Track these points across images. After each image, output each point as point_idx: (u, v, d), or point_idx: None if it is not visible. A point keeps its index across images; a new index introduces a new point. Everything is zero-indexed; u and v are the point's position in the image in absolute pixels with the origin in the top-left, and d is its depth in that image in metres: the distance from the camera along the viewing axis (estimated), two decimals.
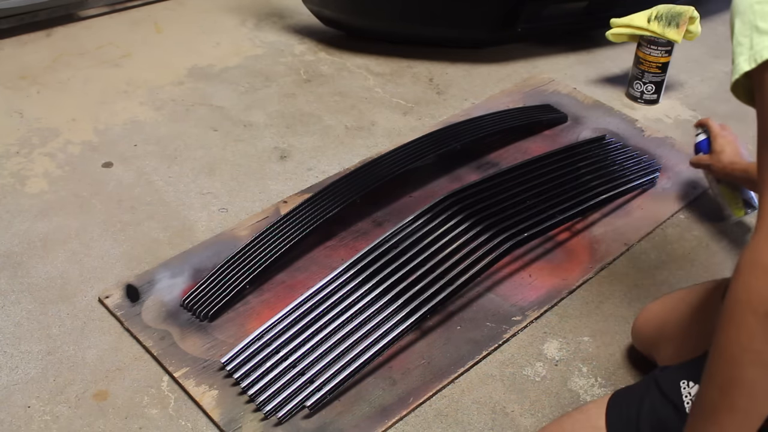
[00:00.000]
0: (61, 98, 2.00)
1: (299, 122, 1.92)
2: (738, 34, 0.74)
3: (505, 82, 2.09)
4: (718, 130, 1.48)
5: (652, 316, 1.21)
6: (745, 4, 0.75)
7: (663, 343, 1.17)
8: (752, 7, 0.74)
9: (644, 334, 1.22)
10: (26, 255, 1.49)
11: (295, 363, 1.22)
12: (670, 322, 1.16)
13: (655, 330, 1.19)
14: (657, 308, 1.21)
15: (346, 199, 1.52)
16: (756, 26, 0.72)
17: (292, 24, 2.40)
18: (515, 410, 1.20)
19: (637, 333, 1.24)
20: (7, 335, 1.32)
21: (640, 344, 1.24)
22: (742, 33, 0.74)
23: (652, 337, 1.20)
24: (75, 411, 1.19)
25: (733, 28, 0.76)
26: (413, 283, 1.32)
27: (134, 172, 1.73)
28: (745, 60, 0.72)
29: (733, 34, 0.76)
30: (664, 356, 1.16)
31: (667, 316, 1.17)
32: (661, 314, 1.19)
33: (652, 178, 1.66)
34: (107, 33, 2.32)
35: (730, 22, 0.78)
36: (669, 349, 1.15)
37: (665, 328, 1.16)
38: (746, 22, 0.73)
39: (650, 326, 1.21)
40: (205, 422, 1.17)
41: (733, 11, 0.77)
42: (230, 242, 1.50)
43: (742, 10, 0.75)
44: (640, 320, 1.24)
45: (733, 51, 0.75)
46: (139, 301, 1.37)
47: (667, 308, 1.19)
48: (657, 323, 1.19)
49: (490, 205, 1.45)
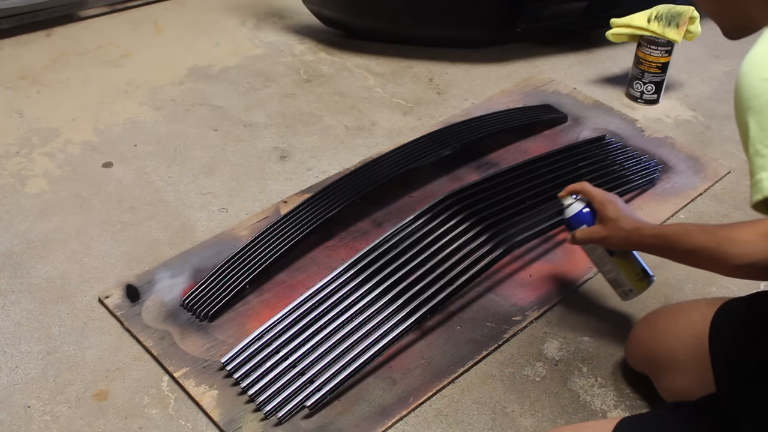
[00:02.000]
0: (61, 98, 2.00)
1: (299, 122, 1.92)
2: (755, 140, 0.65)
3: (505, 82, 2.09)
4: (602, 195, 1.19)
5: (642, 344, 1.18)
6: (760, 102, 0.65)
7: (655, 372, 1.15)
8: None
9: (635, 359, 1.20)
10: (26, 255, 1.49)
11: (295, 363, 1.22)
12: (659, 354, 1.13)
13: (645, 358, 1.17)
14: (645, 335, 1.18)
15: (346, 199, 1.52)
16: None
17: (292, 24, 2.40)
18: (515, 410, 1.20)
19: (629, 357, 1.22)
20: (7, 335, 1.32)
21: (634, 366, 1.22)
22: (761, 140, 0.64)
23: (643, 364, 1.19)
24: (75, 411, 1.19)
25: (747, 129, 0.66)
26: (413, 283, 1.32)
27: (134, 172, 1.73)
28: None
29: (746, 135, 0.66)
30: (658, 384, 1.15)
31: (655, 347, 1.14)
32: (649, 342, 1.16)
33: (652, 178, 1.66)
34: (107, 33, 2.32)
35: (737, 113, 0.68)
36: (662, 380, 1.13)
37: (655, 359, 1.14)
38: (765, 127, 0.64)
39: (640, 353, 1.18)
40: (205, 422, 1.17)
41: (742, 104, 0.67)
42: (230, 242, 1.50)
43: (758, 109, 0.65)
44: (629, 345, 1.21)
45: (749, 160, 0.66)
46: (139, 301, 1.37)
47: (656, 336, 1.15)
48: (646, 352, 1.17)
49: (490, 205, 1.45)
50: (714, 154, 1.79)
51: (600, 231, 1.17)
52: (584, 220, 1.22)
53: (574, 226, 1.23)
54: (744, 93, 0.66)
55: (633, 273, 1.22)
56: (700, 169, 1.73)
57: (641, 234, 1.10)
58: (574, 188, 1.24)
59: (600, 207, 1.18)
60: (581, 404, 1.21)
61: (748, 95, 0.65)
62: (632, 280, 1.22)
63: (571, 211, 1.23)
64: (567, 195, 1.25)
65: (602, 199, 1.18)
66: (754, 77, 0.65)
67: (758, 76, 0.65)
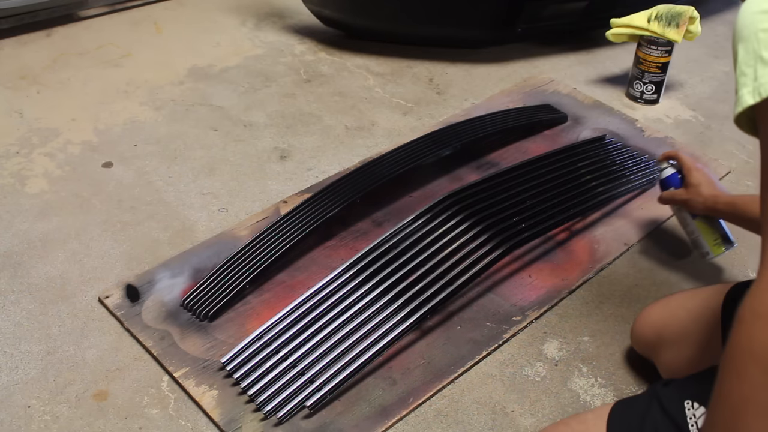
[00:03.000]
0: (61, 98, 2.00)
1: (299, 122, 1.92)
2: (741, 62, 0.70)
3: (505, 82, 2.09)
4: (691, 162, 1.37)
5: (651, 321, 1.20)
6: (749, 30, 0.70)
7: (662, 347, 1.16)
8: (757, 34, 0.69)
9: (643, 337, 1.22)
10: (26, 255, 1.49)
11: (295, 363, 1.22)
12: (670, 327, 1.15)
13: (655, 334, 1.18)
14: (656, 312, 1.20)
15: (346, 199, 1.52)
16: (761, 56, 0.67)
17: (292, 24, 2.40)
18: (515, 410, 1.20)
19: (637, 336, 1.23)
20: (7, 335, 1.32)
21: (639, 347, 1.24)
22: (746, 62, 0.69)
23: (651, 341, 1.20)
24: (75, 411, 1.19)
25: (737, 55, 0.71)
26: (413, 283, 1.32)
27: (134, 172, 1.73)
28: (749, 93, 0.67)
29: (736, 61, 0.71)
30: (663, 361, 1.16)
31: (666, 320, 1.17)
32: (660, 319, 1.19)
33: (652, 178, 1.66)
34: (107, 33, 2.32)
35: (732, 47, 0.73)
36: (668, 354, 1.14)
37: (664, 333, 1.16)
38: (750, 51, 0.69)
39: (649, 330, 1.20)
40: (205, 422, 1.17)
41: (735, 36, 0.72)
42: (230, 242, 1.50)
43: (746, 36, 0.70)
44: (639, 323, 1.23)
45: (736, 80, 0.71)
46: (139, 301, 1.37)
47: (667, 313, 1.18)
48: (656, 327, 1.18)
49: (490, 205, 1.45)
50: (714, 154, 1.79)
51: (682, 194, 1.35)
52: (672, 183, 1.40)
53: (664, 187, 1.41)
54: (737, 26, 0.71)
55: (712, 237, 1.36)
56: None
57: (717, 201, 1.27)
58: (669, 154, 1.41)
59: (687, 173, 1.35)
60: (581, 404, 1.21)
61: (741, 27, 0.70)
62: (710, 243, 1.36)
63: (664, 175, 1.41)
64: (663, 159, 1.42)
65: (690, 166, 1.35)
66: (747, 11, 0.70)
67: (750, 10, 0.70)
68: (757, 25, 0.69)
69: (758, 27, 0.69)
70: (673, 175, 1.40)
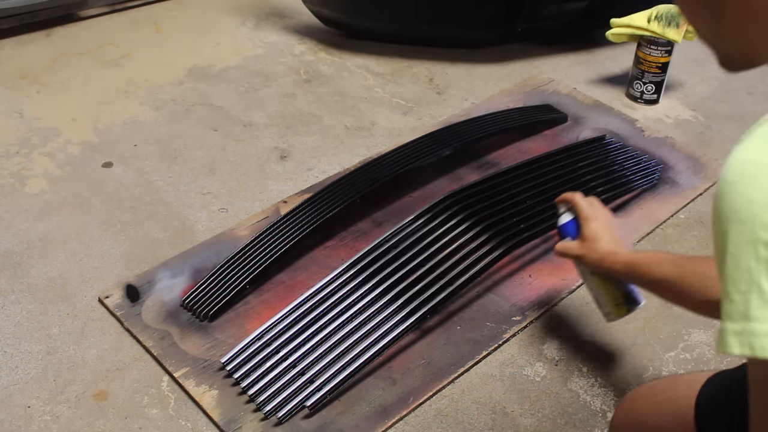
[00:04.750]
0: (61, 98, 2.00)
1: (299, 122, 1.92)
2: (729, 278, 0.52)
3: (505, 82, 2.09)
4: (588, 210, 1.14)
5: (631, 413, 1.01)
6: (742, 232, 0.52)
7: None
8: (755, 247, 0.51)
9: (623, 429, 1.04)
10: (26, 255, 1.49)
11: (295, 363, 1.22)
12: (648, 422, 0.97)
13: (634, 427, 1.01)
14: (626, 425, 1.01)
15: (346, 199, 1.52)
16: (758, 285, 0.50)
17: (292, 24, 2.40)
18: (515, 410, 1.19)
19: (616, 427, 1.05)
20: (7, 335, 1.32)
21: None
22: (735, 282, 0.52)
23: None
24: (75, 411, 1.19)
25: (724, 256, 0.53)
26: (413, 283, 1.32)
27: (134, 172, 1.73)
28: (735, 337, 0.51)
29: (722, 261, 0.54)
30: None
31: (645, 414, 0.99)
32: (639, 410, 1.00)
33: (652, 178, 1.66)
34: (107, 33, 2.32)
35: (714, 223, 0.56)
36: None
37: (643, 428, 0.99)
38: (743, 268, 0.51)
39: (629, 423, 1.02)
40: (205, 422, 1.17)
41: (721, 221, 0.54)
42: (230, 242, 1.50)
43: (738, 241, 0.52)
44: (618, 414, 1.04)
45: (721, 293, 0.53)
46: (139, 301, 1.37)
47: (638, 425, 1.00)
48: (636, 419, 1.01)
49: (490, 205, 1.45)
50: (714, 154, 1.79)
51: (576, 248, 1.13)
52: (568, 232, 1.17)
53: (561, 235, 1.19)
54: (725, 210, 0.54)
55: (612, 296, 1.14)
56: (700, 169, 1.73)
57: (614, 260, 1.06)
58: (566, 197, 1.19)
59: (583, 223, 1.13)
60: (581, 404, 1.21)
61: (729, 216, 0.53)
62: (611, 303, 1.15)
63: (560, 221, 1.20)
64: (562, 202, 1.21)
65: (587, 215, 1.13)
66: (739, 194, 0.53)
67: (745, 195, 0.53)
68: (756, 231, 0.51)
69: (757, 237, 0.51)
70: (569, 222, 1.17)
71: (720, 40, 0.69)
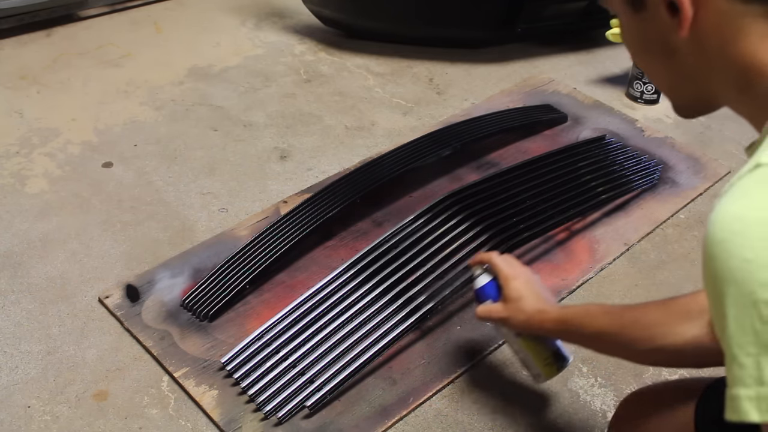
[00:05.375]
0: (61, 98, 2.00)
1: (299, 122, 1.92)
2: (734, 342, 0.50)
3: (505, 82, 2.09)
4: (507, 269, 1.07)
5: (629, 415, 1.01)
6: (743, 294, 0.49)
7: None
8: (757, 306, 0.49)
9: None
10: (26, 255, 1.49)
11: (295, 363, 1.22)
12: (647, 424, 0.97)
13: None
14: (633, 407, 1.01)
15: (346, 199, 1.52)
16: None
17: (292, 24, 2.40)
18: (515, 410, 1.19)
19: None
20: (7, 335, 1.32)
21: None
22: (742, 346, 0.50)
23: None
24: (75, 411, 1.19)
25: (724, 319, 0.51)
26: (413, 283, 1.32)
27: (134, 172, 1.73)
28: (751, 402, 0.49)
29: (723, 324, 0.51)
30: None
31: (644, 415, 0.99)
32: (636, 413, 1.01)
33: (652, 178, 1.66)
34: (107, 33, 2.32)
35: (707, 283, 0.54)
36: None
37: None
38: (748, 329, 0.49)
39: None
40: (205, 422, 1.17)
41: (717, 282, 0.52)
42: (230, 242, 1.50)
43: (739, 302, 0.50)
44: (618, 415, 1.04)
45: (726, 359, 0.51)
46: (139, 301, 1.37)
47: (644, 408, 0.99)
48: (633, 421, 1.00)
49: (490, 205, 1.45)
50: (714, 154, 1.79)
51: (500, 311, 1.06)
52: (488, 294, 1.09)
53: (480, 299, 1.11)
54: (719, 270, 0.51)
55: (541, 356, 1.08)
56: (700, 169, 1.73)
57: (543, 318, 1.00)
58: (481, 258, 1.13)
59: (504, 283, 1.06)
60: (581, 404, 1.21)
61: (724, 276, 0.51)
62: (540, 364, 1.09)
63: (477, 284, 1.11)
64: (476, 264, 1.13)
65: (507, 274, 1.06)
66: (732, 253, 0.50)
67: (739, 254, 0.50)
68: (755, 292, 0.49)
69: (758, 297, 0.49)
70: (489, 284, 1.10)
71: (677, 87, 0.70)
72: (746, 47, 0.59)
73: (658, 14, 0.62)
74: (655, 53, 0.67)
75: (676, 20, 0.60)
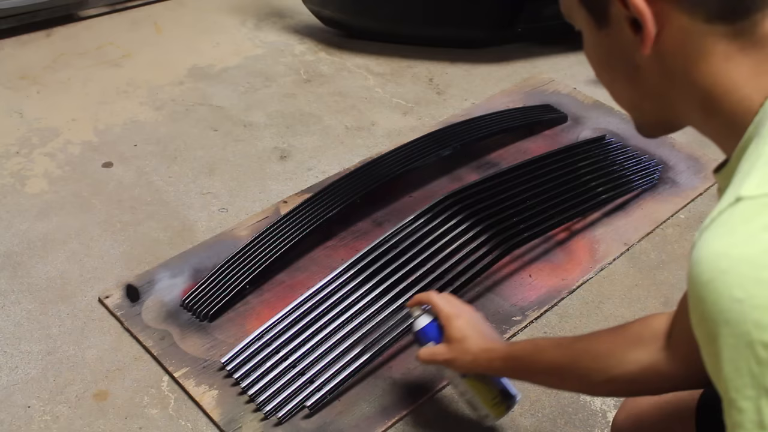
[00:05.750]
0: (61, 98, 2.00)
1: (299, 122, 1.92)
2: (731, 386, 0.48)
3: (505, 82, 2.09)
4: (448, 308, 1.02)
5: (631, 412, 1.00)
6: (737, 334, 0.47)
7: None
8: (753, 348, 0.46)
9: None
10: (26, 255, 1.49)
11: (295, 363, 1.22)
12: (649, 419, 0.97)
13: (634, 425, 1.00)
14: None
15: (346, 199, 1.52)
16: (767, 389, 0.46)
17: (292, 24, 2.40)
18: (515, 410, 1.19)
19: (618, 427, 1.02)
20: (7, 335, 1.32)
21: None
22: (739, 389, 0.48)
23: None
24: (75, 411, 1.19)
25: (719, 361, 0.49)
26: (413, 283, 1.32)
27: (134, 172, 1.73)
28: None
29: (717, 367, 0.49)
30: None
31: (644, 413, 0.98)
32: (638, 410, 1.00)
33: (652, 178, 1.66)
34: (107, 33, 2.32)
35: (696, 324, 0.52)
36: None
37: None
38: (744, 371, 0.47)
39: None
40: (205, 422, 1.17)
41: (707, 323, 0.50)
42: (230, 242, 1.50)
43: (732, 343, 0.48)
44: None
45: (723, 403, 0.50)
46: (139, 301, 1.37)
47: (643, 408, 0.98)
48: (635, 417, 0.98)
49: (490, 205, 1.45)
50: (714, 154, 1.79)
51: (444, 352, 1.01)
52: (430, 335, 1.04)
53: (422, 341, 1.05)
54: (709, 312, 0.49)
55: (489, 396, 1.04)
56: (700, 169, 1.73)
57: (490, 357, 0.96)
58: (420, 298, 1.08)
59: (446, 324, 1.01)
60: (581, 404, 1.21)
61: (716, 318, 0.48)
62: (488, 404, 1.04)
63: (417, 326, 1.06)
64: (415, 305, 1.08)
65: (448, 314, 1.01)
66: (721, 293, 0.48)
67: (729, 294, 0.48)
68: (750, 332, 0.47)
69: (753, 338, 0.46)
70: (429, 325, 1.05)
71: (640, 105, 0.69)
72: (709, 68, 0.58)
73: (622, 31, 0.61)
74: (618, 70, 0.66)
75: (639, 38, 0.59)
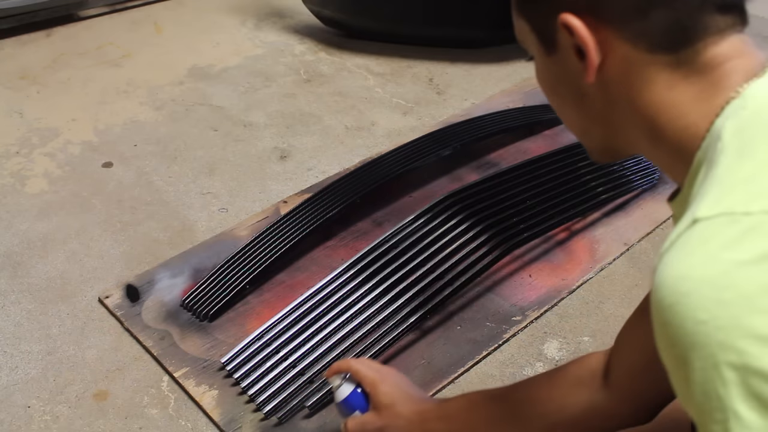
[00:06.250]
0: (61, 98, 2.00)
1: (299, 122, 1.92)
2: (701, 399, 0.47)
3: (505, 82, 2.09)
4: (371, 373, 0.96)
5: None
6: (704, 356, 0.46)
7: None
8: (719, 369, 0.46)
9: None
10: (26, 255, 1.49)
11: (295, 363, 1.22)
12: None
13: None
14: None
15: (346, 199, 1.52)
16: (735, 411, 0.45)
17: (292, 24, 2.40)
18: None
19: None
20: (7, 335, 1.32)
21: None
22: (709, 409, 0.47)
23: None
24: (75, 411, 1.19)
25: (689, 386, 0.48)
26: (413, 283, 1.32)
27: (134, 172, 1.73)
28: None
29: (687, 392, 0.49)
30: None
31: None
32: None
33: (652, 178, 1.66)
34: (107, 33, 2.32)
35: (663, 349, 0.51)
36: None
37: None
38: (712, 394, 0.46)
39: None
40: (205, 422, 1.17)
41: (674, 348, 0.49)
42: (230, 242, 1.50)
43: (700, 366, 0.47)
44: None
45: (695, 419, 0.49)
46: (139, 301, 1.37)
47: None
48: None
49: (490, 205, 1.45)
50: None
51: (374, 420, 0.94)
52: (356, 404, 0.97)
53: (345, 413, 0.98)
54: (674, 336, 0.48)
55: None
56: None
57: (424, 419, 0.91)
58: (339, 367, 1.00)
59: (371, 390, 0.95)
60: None
61: (681, 343, 0.48)
62: None
63: (340, 396, 0.98)
64: (334, 374, 1.00)
65: (373, 379, 0.95)
66: (685, 316, 0.47)
67: (692, 317, 0.47)
68: (716, 354, 0.46)
69: (718, 360, 0.46)
70: (353, 394, 0.97)
71: (587, 131, 0.69)
72: (653, 96, 0.58)
73: (569, 58, 0.61)
74: (566, 96, 0.67)
75: (584, 65, 0.59)
